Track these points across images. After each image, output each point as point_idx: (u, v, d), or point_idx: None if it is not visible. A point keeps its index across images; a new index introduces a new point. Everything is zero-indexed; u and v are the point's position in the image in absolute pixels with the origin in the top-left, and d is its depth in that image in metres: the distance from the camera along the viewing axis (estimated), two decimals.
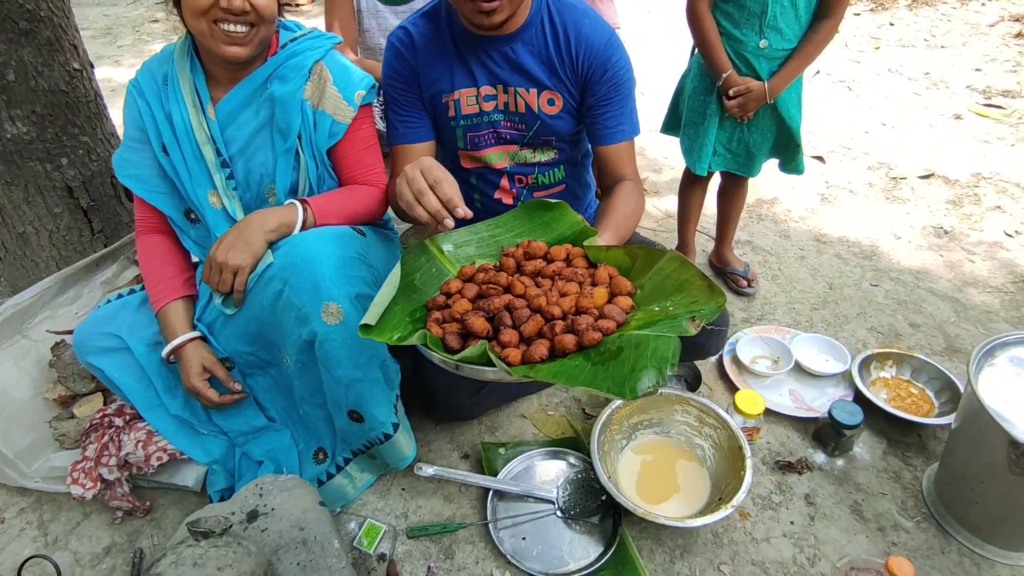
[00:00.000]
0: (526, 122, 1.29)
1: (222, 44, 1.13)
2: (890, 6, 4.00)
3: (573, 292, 0.98)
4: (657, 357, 0.82)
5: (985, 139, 2.58)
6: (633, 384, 0.80)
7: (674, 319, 0.89)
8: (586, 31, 1.22)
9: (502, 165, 1.37)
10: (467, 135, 1.33)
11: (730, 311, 1.80)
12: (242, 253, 1.15)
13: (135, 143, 1.27)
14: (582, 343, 0.89)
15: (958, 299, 1.83)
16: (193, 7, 1.09)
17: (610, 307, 0.94)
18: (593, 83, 1.24)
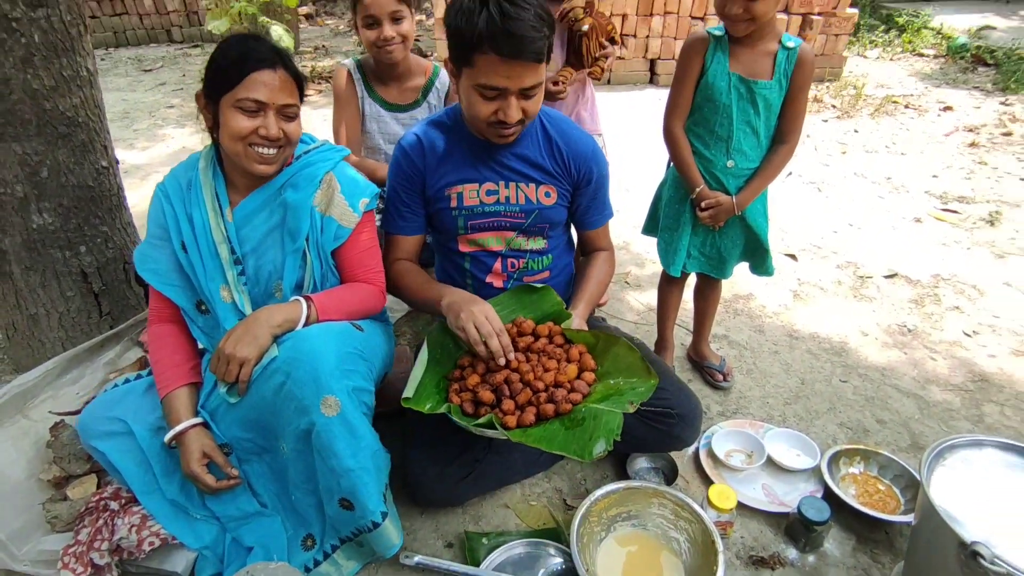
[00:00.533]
0: (526, 211, 1.48)
1: (255, 163, 1.29)
2: (855, 115, 4.34)
3: (552, 368, 1.29)
4: (607, 429, 1.14)
5: (943, 242, 2.77)
6: (590, 450, 1.12)
7: (621, 395, 1.23)
8: (575, 142, 1.47)
9: (498, 248, 1.53)
10: (468, 222, 1.50)
11: (707, 404, 1.89)
12: (249, 347, 1.24)
13: (157, 240, 1.39)
14: (559, 411, 1.22)
15: (922, 396, 1.93)
16: (234, 132, 1.25)
17: (579, 382, 1.28)
18: (583, 185, 1.50)
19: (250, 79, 1.23)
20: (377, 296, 1.47)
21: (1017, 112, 4.26)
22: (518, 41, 1.18)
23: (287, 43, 4.26)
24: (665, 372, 1.59)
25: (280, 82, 1.27)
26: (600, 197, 1.55)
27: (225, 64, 1.23)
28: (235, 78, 1.22)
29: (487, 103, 1.28)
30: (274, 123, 1.27)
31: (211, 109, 1.29)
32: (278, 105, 1.27)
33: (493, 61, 1.21)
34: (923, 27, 6.00)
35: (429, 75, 2.02)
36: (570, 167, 1.48)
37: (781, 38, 1.50)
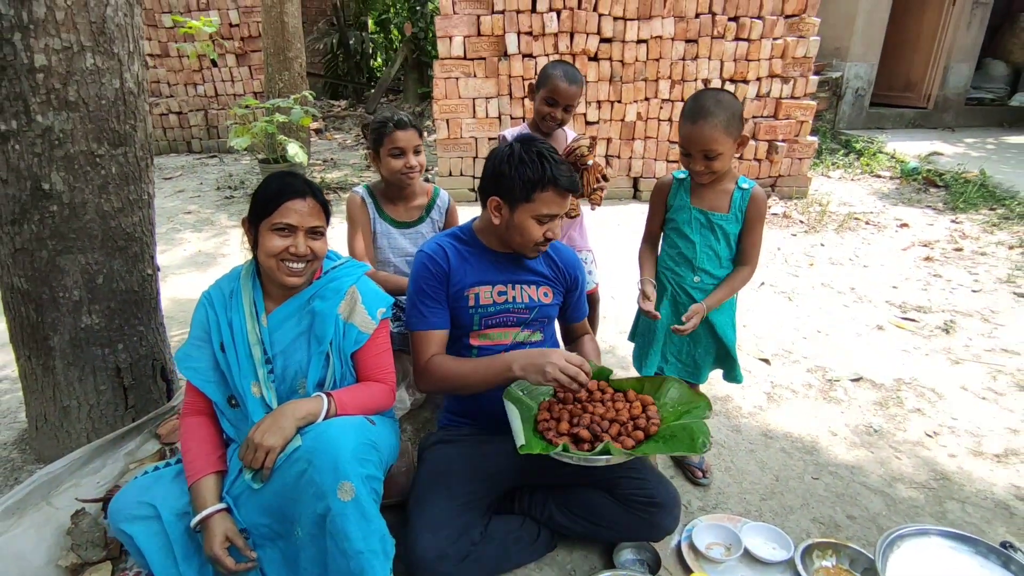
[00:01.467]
0: (529, 308, 1.75)
1: (285, 276, 1.52)
2: (821, 229, 4.74)
3: (623, 408, 1.57)
4: (701, 431, 1.43)
5: (904, 348, 3.01)
6: (699, 445, 1.39)
7: (689, 413, 1.54)
8: (564, 254, 1.82)
9: (505, 342, 1.76)
10: (482, 319, 1.73)
11: (688, 500, 2.02)
12: (275, 436, 1.41)
13: (199, 342, 1.59)
14: (647, 434, 1.49)
15: (888, 494, 2.07)
16: (268, 250, 1.49)
17: (651, 411, 1.55)
18: (572, 287, 1.82)
19: (284, 207, 1.49)
20: (388, 394, 1.66)
21: (966, 229, 4.68)
22: (573, 180, 1.61)
23: (302, 159, 4.69)
24: (647, 465, 1.75)
25: (309, 208, 1.53)
26: (582, 295, 1.90)
27: (265, 196, 1.50)
28: (272, 207, 1.49)
29: (540, 227, 1.63)
30: (303, 242, 1.52)
31: (252, 232, 1.54)
32: (307, 227, 1.52)
33: (552, 195, 1.59)
34: (878, 152, 6.64)
35: (431, 196, 2.33)
36: (564, 274, 1.81)
37: (737, 180, 1.80)
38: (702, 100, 1.67)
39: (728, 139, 1.65)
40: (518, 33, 4.84)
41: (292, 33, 5.72)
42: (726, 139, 1.65)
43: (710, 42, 5.01)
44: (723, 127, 1.64)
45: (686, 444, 1.41)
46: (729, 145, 1.67)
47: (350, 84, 10.47)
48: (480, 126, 5.07)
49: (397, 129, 2.11)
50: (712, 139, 1.64)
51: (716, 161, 1.68)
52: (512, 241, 1.68)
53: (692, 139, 1.67)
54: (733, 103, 1.67)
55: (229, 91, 7.21)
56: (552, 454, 1.42)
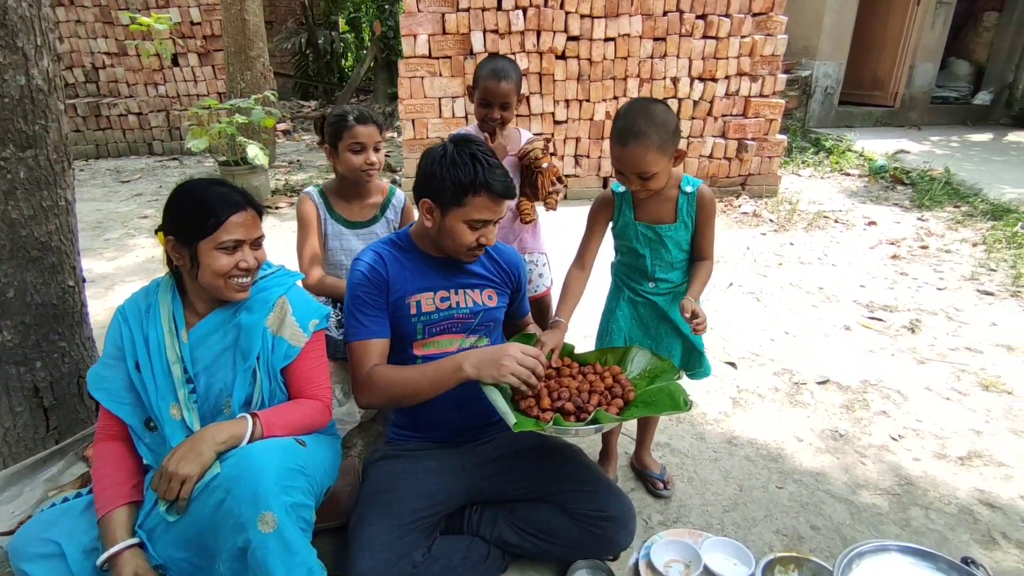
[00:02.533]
0: (474, 312, 1.66)
1: (235, 292, 1.44)
2: (790, 228, 4.73)
3: (596, 379, 1.56)
4: (680, 390, 1.46)
5: (870, 348, 2.98)
6: (682, 401, 1.41)
7: (659, 377, 1.57)
8: (507, 255, 1.76)
9: (451, 349, 1.66)
10: (425, 327, 1.64)
11: (648, 513, 1.94)
12: (192, 464, 1.29)
13: (112, 360, 1.46)
14: (627, 400, 1.50)
15: (852, 501, 2.01)
16: (216, 270, 1.39)
17: (622, 379, 1.56)
18: (519, 285, 1.80)
19: (229, 223, 1.39)
20: (322, 411, 1.55)
21: (932, 227, 4.69)
22: (509, 189, 1.52)
23: (262, 161, 4.54)
24: (599, 476, 1.67)
25: (251, 219, 1.44)
26: (525, 292, 1.86)
27: (201, 213, 1.38)
28: (214, 224, 1.37)
29: (473, 232, 1.54)
30: (250, 255, 1.43)
31: (186, 252, 1.40)
32: (252, 239, 1.43)
33: (485, 200, 1.50)
34: (847, 150, 6.68)
35: (386, 194, 2.23)
36: (508, 274, 1.74)
37: (680, 183, 1.71)
38: (632, 119, 1.55)
39: (662, 158, 1.56)
40: (484, 31, 4.74)
41: (253, 31, 5.55)
42: (660, 158, 1.55)
43: (678, 40, 4.97)
44: (656, 147, 1.53)
45: (669, 404, 1.42)
46: (664, 163, 1.57)
47: (320, 84, 10.28)
48: (447, 126, 4.97)
49: (358, 123, 2.02)
50: (644, 161, 1.54)
51: (651, 180, 1.59)
52: (445, 246, 1.60)
53: (624, 161, 1.57)
54: (666, 117, 1.55)
55: (192, 91, 7.00)
56: (545, 430, 1.38)
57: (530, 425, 1.37)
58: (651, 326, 1.82)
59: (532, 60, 4.85)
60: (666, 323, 1.80)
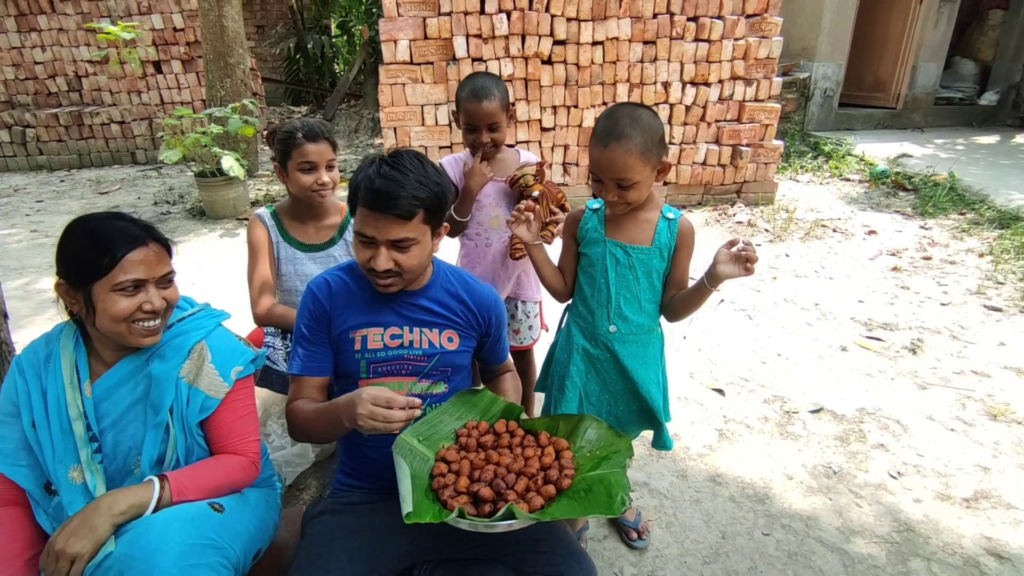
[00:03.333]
0: (428, 355, 1.48)
1: (141, 338, 1.27)
2: (786, 238, 4.55)
3: (533, 455, 1.31)
4: (620, 485, 1.19)
5: (868, 372, 2.80)
6: (616, 505, 1.15)
7: (608, 459, 1.28)
8: (478, 294, 1.54)
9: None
10: (370, 366, 1.47)
11: (620, 566, 1.78)
12: (83, 540, 1.13)
13: (6, 417, 1.31)
14: (559, 488, 1.24)
15: (846, 551, 1.84)
16: (115, 315, 1.22)
17: (565, 460, 1.30)
18: (489, 329, 1.56)
19: (125, 261, 1.22)
20: (247, 468, 1.39)
21: (935, 236, 4.50)
22: (383, 197, 1.30)
23: (238, 172, 4.38)
24: (558, 535, 1.49)
25: (155, 255, 1.27)
26: (503, 337, 1.63)
27: (92, 252, 1.22)
28: (108, 264, 1.21)
29: (364, 250, 1.37)
30: (156, 295, 1.27)
31: (80, 296, 1.24)
32: (156, 278, 1.27)
33: (364, 212, 1.32)
34: (847, 154, 6.49)
35: (344, 215, 2.07)
36: (477, 316, 1.53)
37: (662, 209, 1.54)
38: (616, 119, 1.41)
39: (645, 166, 1.40)
40: (467, 36, 4.58)
41: (232, 38, 5.41)
42: (642, 166, 1.40)
43: (669, 43, 4.80)
44: (639, 152, 1.38)
45: (602, 504, 1.17)
46: (646, 173, 1.41)
47: (311, 89, 10.15)
48: (429, 134, 4.81)
49: (307, 141, 1.87)
50: (625, 166, 1.39)
51: (631, 191, 1.42)
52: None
53: (603, 165, 1.41)
54: (653, 123, 1.41)
55: (176, 99, 6.86)
56: (447, 521, 1.16)
57: (428, 515, 1.17)
58: (609, 382, 1.63)
59: (517, 65, 4.69)
60: (624, 380, 1.61)
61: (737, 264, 1.39)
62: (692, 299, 1.53)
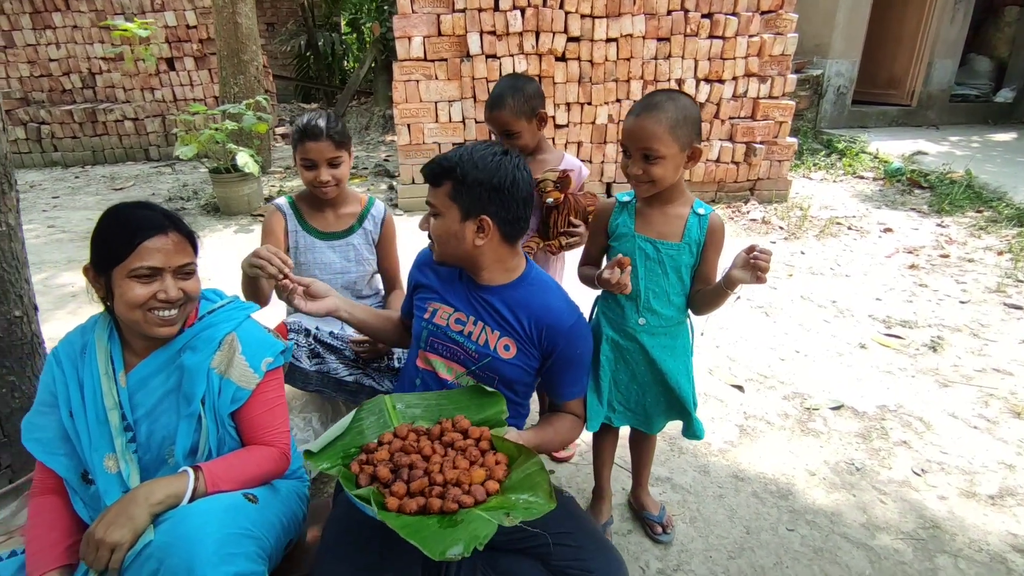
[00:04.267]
0: (479, 354, 1.48)
1: (156, 327, 1.27)
2: (801, 236, 4.52)
3: (462, 466, 1.25)
4: (473, 535, 1.07)
5: (888, 369, 2.78)
6: (444, 550, 1.04)
7: (513, 509, 1.15)
8: (553, 316, 1.47)
9: (446, 377, 1.53)
10: (430, 337, 1.53)
11: (646, 561, 1.77)
12: (122, 529, 1.14)
13: (45, 407, 1.32)
14: (444, 508, 1.17)
15: (872, 547, 1.83)
16: (131, 302, 1.23)
17: (478, 487, 1.21)
18: (554, 353, 1.48)
19: (141, 248, 1.23)
20: (278, 459, 1.39)
21: (952, 234, 4.47)
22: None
23: (252, 168, 4.40)
24: (587, 530, 1.50)
25: (173, 244, 1.27)
26: (572, 373, 1.53)
27: (113, 237, 1.23)
28: (126, 250, 1.22)
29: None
30: (172, 285, 1.26)
31: (102, 281, 1.27)
32: (174, 267, 1.27)
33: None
34: (861, 152, 6.44)
35: (364, 204, 2.08)
36: (533, 335, 1.47)
37: (693, 204, 1.54)
38: (654, 95, 1.43)
39: (673, 142, 1.39)
40: (481, 33, 4.58)
41: (246, 35, 5.43)
42: (671, 141, 1.39)
43: (683, 40, 4.78)
44: (668, 125, 1.38)
45: (437, 544, 1.05)
46: (674, 151, 1.41)
47: (321, 87, 10.17)
48: (443, 131, 4.81)
49: (308, 139, 1.87)
50: (653, 135, 1.39)
51: (656, 166, 1.41)
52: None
53: (633, 134, 1.42)
54: (689, 105, 1.42)
55: (188, 95, 6.89)
56: (323, 470, 1.25)
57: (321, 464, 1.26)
58: (638, 372, 1.63)
59: (531, 62, 4.68)
60: (652, 371, 1.61)
61: (750, 271, 1.39)
62: (713, 298, 1.53)
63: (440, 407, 1.45)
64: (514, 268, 1.51)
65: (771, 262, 1.39)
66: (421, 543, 1.06)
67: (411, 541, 1.06)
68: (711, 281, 1.55)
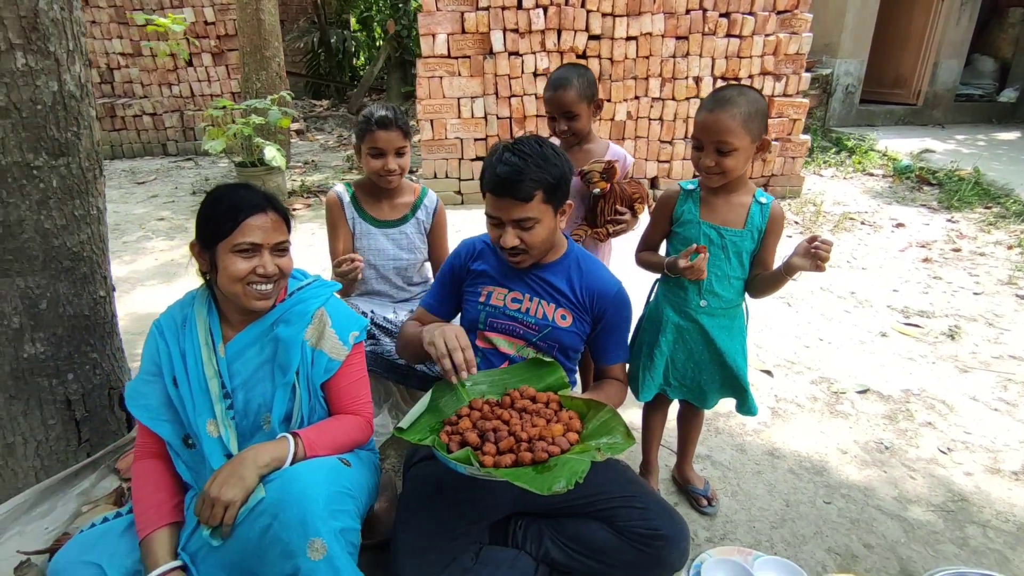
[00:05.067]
0: (540, 326, 1.60)
1: (253, 300, 1.36)
2: (816, 230, 4.63)
3: (540, 424, 1.38)
4: (571, 472, 1.21)
5: (909, 356, 2.89)
6: (550, 486, 1.17)
7: (593, 450, 1.29)
8: (597, 281, 1.64)
9: (508, 351, 1.64)
10: (488, 318, 1.63)
11: (694, 530, 1.87)
12: (234, 488, 1.24)
13: (149, 376, 1.42)
14: (535, 459, 1.29)
15: (905, 518, 1.94)
16: (233, 275, 1.32)
17: (560, 438, 1.34)
18: (604, 318, 1.64)
19: (245, 225, 1.33)
20: (364, 428, 1.50)
21: (963, 229, 4.59)
22: (504, 182, 1.44)
23: (280, 162, 4.49)
24: (650, 493, 1.60)
25: (272, 223, 1.37)
26: (617, 336, 1.68)
27: (219, 215, 1.33)
28: (230, 226, 1.32)
29: (493, 229, 1.55)
30: (270, 261, 1.36)
31: (207, 256, 1.37)
32: (272, 244, 1.36)
33: (490, 196, 1.50)
34: (870, 149, 6.56)
35: (418, 195, 2.18)
36: (586, 302, 1.63)
37: (755, 193, 1.64)
38: (725, 90, 1.53)
39: (746, 135, 1.49)
40: (504, 30, 4.67)
41: (269, 31, 5.51)
42: (743, 134, 1.49)
43: (701, 39, 4.88)
44: (742, 120, 1.48)
45: (544, 483, 1.19)
46: (747, 143, 1.51)
47: (332, 84, 10.25)
48: (465, 127, 4.91)
49: (379, 128, 1.95)
50: (728, 129, 1.48)
51: (729, 158, 1.51)
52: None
53: (707, 127, 1.52)
54: (758, 100, 1.52)
55: (206, 91, 6.96)
56: (422, 443, 1.35)
57: (415, 437, 1.36)
58: (696, 351, 1.73)
59: (553, 60, 4.78)
60: (710, 351, 1.71)
61: (810, 259, 1.50)
62: (772, 282, 1.63)
63: (504, 381, 1.56)
64: (560, 244, 1.66)
65: (831, 252, 1.49)
66: (527, 484, 1.18)
67: (518, 484, 1.18)
68: (769, 266, 1.65)
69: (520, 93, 4.84)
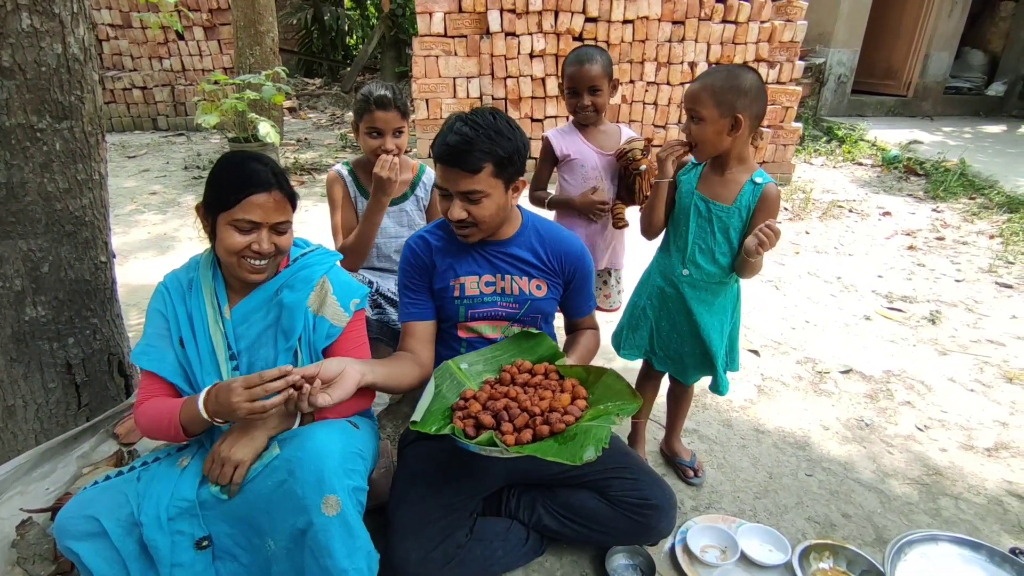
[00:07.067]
0: (519, 302, 1.61)
1: (246, 273, 1.39)
2: (805, 217, 4.71)
3: (548, 396, 1.40)
4: (596, 439, 1.24)
5: (891, 339, 2.98)
6: (581, 455, 1.20)
7: (609, 415, 1.33)
8: (561, 243, 1.64)
9: (493, 336, 1.65)
10: (468, 311, 1.61)
11: (680, 499, 1.94)
12: (245, 448, 1.29)
13: (157, 335, 1.44)
14: (553, 431, 1.32)
15: (882, 490, 2.02)
16: (228, 248, 1.35)
17: (571, 407, 1.38)
18: (574, 278, 1.67)
19: (247, 202, 1.33)
20: (366, 393, 1.53)
21: (947, 218, 4.68)
22: (452, 152, 1.41)
23: (274, 139, 4.47)
24: (640, 464, 1.66)
25: (275, 203, 1.37)
26: (586, 290, 1.72)
27: (225, 186, 1.34)
28: (232, 200, 1.33)
29: (443, 201, 1.52)
30: (267, 239, 1.37)
31: (209, 221, 1.39)
32: (271, 224, 1.37)
33: (439, 166, 1.47)
34: (859, 139, 6.63)
35: (416, 172, 2.19)
36: (563, 264, 1.64)
37: (753, 173, 1.66)
38: (717, 66, 1.61)
39: (714, 108, 1.52)
40: (501, 10, 4.66)
41: (263, 5, 5.44)
42: (712, 106, 1.52)
43: (697, 24, 4.90)
44: (713, 94, 1.52)
45: (574, 453, 1.22)
46: (713, 114, 1.53)
47: (325, 62, 10.13)
48: (461, 106, 4.90)
49: (377, 108, 1.96)
50: (699, 99, 1.54)
51: (698, 127, 1.56)
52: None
53: (685, 96, 1.61)
54: (742, 77, 1.53)
55: (197, 66, 6.88)
56: (436, 432, 1.33)
57: (431, 426, 1.33)
58: (677, 321, 1.78)
59: (549, 41, 4.78)
60: (690, 323, 1.76)
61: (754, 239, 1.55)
62: (743, 262, 1.67)
63: (496, 358, 1.58)
64: (515, 217, 1.64)
65: (774, 240, 1.52)
66: (557, 457, 1.22)
67: (548, 458, 1.22)
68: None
69: (516, 74, 4.84)
